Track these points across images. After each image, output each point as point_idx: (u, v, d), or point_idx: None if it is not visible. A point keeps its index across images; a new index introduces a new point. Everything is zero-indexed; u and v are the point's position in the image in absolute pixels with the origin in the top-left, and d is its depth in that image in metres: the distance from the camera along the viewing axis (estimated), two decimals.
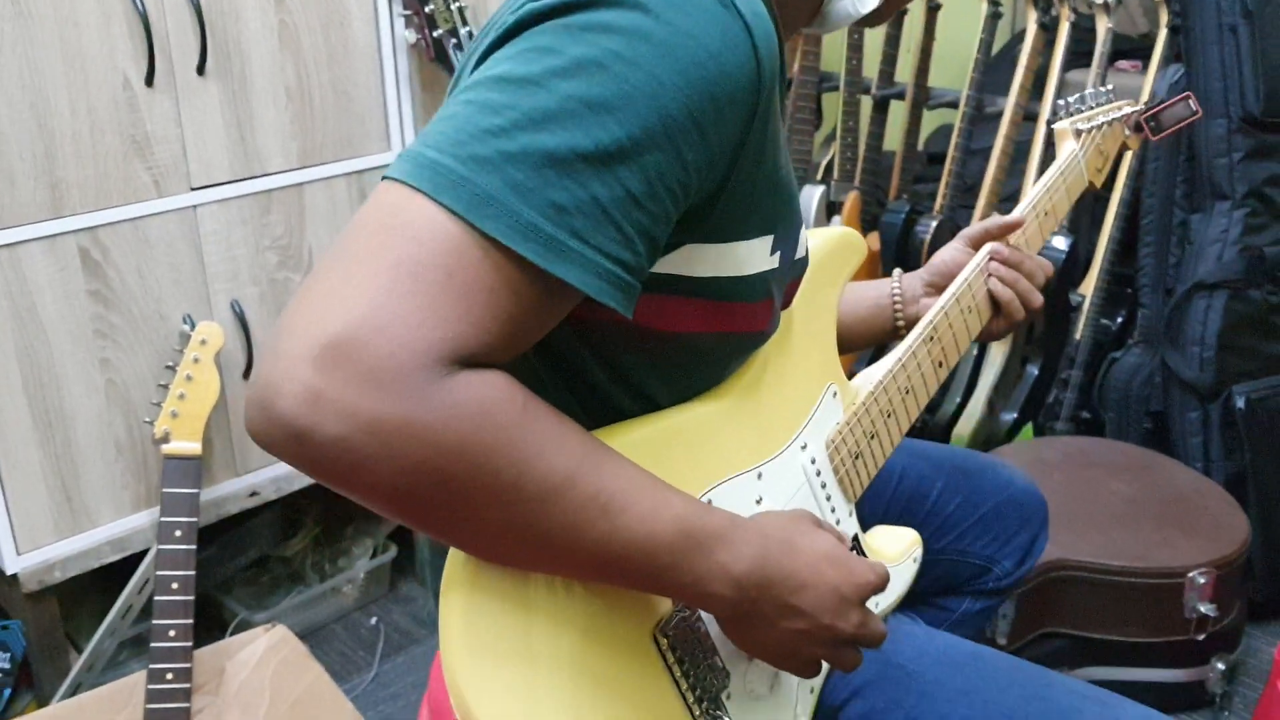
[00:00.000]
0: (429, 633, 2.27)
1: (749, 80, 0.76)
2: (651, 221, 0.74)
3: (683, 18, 0.73)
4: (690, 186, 0.76)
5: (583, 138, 0.71)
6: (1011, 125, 2.56)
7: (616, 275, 0.73)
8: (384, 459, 0.67)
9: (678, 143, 0.73)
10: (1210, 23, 2.27)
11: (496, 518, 0.72)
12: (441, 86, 2.09)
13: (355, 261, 0.69)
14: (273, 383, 0.66)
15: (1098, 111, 1.41)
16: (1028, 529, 1.39)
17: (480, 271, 0.69)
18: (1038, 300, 1.26)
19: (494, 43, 0.77)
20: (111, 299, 1.79)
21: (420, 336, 0.67)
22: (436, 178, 0.70)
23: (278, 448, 0.68)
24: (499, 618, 0.79)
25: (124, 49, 1.72)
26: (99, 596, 2.04)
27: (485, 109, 0.71)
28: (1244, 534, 1.97)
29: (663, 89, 0.72)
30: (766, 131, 0.81)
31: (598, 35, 0.72)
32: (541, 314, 0.73)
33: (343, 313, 0.67)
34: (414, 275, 0.68)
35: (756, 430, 0.98)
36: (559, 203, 0.70)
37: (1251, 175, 2.26)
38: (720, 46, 0.74)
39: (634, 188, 0.72)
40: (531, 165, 0.70)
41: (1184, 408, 2.28)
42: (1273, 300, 2.26)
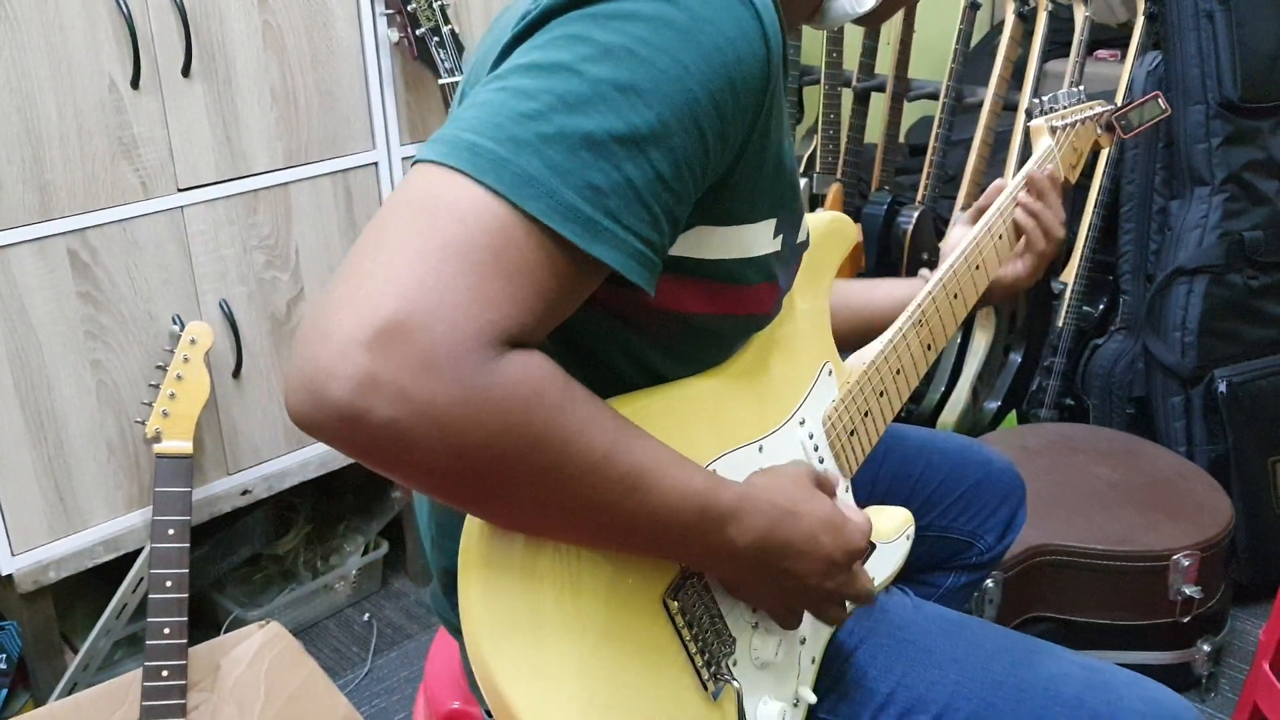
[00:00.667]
0: (421, 628, 2.28)
1: (761, 66, 0.79)
2: (676, 202, 0.77)
3: (702, 5, 0.76)
4: (709, 168, 0.79)
5: (616, 120, 0.72)
6: (991, 115, 2.58)
7: (645, 255, 0.75)
8: (436, 441, 0.68)
9: (701, 124, 0.76)
10: (1187, 9, 2.29)
11: (537, 494, 0.74)
12: (425, 85, 2.10)
13: (401, 242, 0.69)
14: (325, 366, 0.66)
15: (1071, 110, 1.44)
16: (1007, 504, 1.42)
17: (525, 251, 0.70)
18: (1059, 232, 1.33)
19: (518, 35, 0.79)
20: (101, 300, 1.80)
21: (472, 318, 0.68)
22: (477, 159, 0.71)
23: (326, 431, 0.68)
24: (516, 593, 0.81)
25: (109, 52, 1.73)
26: (93, 596, 2.05)
27: (519, 94, 0.73)
28: (1227, 517, 2.00)
29: (687, 73, 0.75)
30: (772, 117, 0.84)
31: (623, 23, 0.74)
32: (575, 292, 0.75)
33: (395, 294, 0.67)
34: (462, 255, 0.69)
35: (757, 405, 1.01)
36: (595, 183, 0.72)
37: (1230, 161, 2.28)
38: (736, 33, 0.77)
39: (663, 169, 0.74)
40: (568, 147, 0.71)
41: (1166, 393, 2.31)
42: (1253, 285, 2.29)
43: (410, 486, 0.73)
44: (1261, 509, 2.23)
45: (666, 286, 0.86)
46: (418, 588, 2.40)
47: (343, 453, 0.70)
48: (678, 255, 0.86)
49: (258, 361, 2.01)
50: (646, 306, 0.86)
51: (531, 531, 0.81)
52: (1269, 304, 2.30)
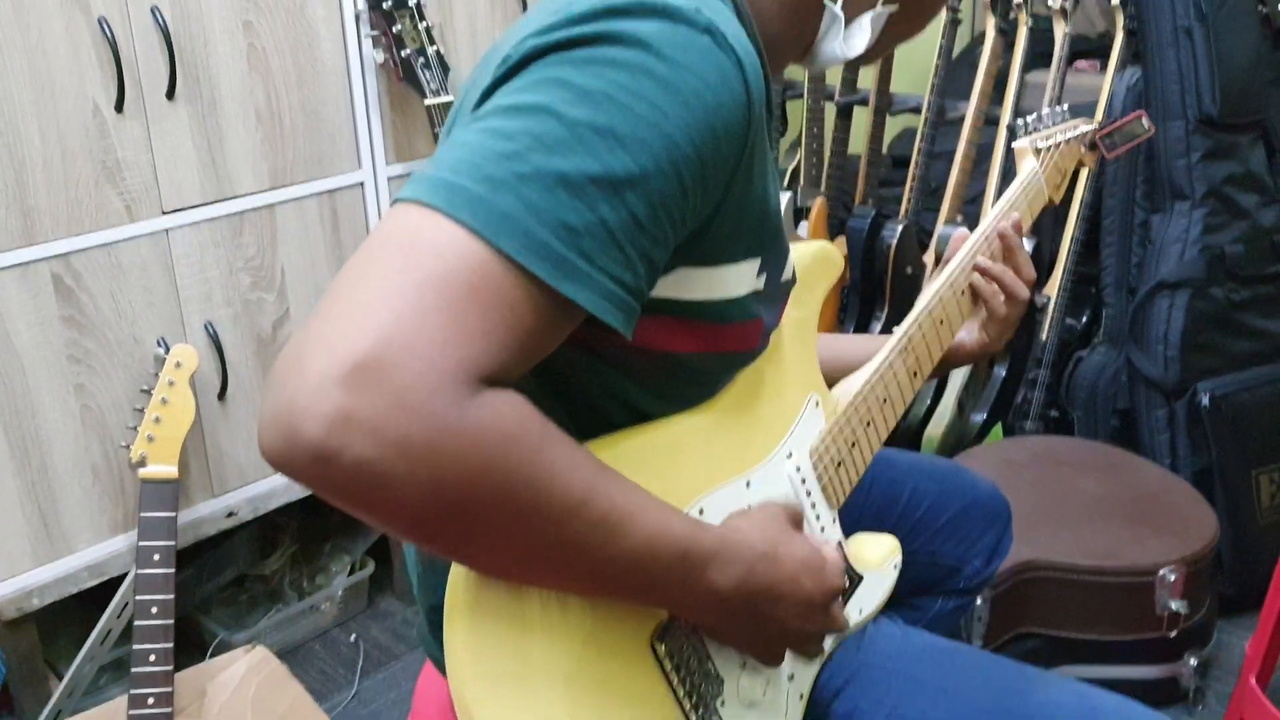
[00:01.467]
0: (408, 648, 2.28)
1: (742, 112, 0.79)
2: (653, 245, 0.77)
3: (681, 54, 0.76)
4: (689, 212, 0.79)
5: (593, 163, 0.73)
6: (973, 130, 2.59)
7: (619, 297, 0.75)
8: (410, 480, 0.67)
9: (680, 170, 0.76)
10: (1166, 26, 2.31)
11: (512, 537, 0.74)
12: (410, 106, 2.10)
13: (378, 279, 0.69)
14: (299, 405, 0.66)
15: (1055, 130, 1.45)
16: (993, 529, 1.43)
17: (500, 289, 0.70)
18: (1022, 294, 1.28)
19: (499, 77, 0.79)
20: (85, 324, 1.79)
21: (448, 355, 0.68)
22: (454, 197, 0.71)
23: (299, 470, 0.67)
24: (503, 639, 0.81)
25: (93, 76, 1.72)
26: (78, 621, 2.03)
27: (498, 135, 0.73)
28: (1212, 530, 2.01)
29: (666, 119, 0.75)
30: (754, 162, 0.84)
31: (604, 68, 0.75)
32: (551, 332, 0.75)
33: (370, 331, 0.67)
34: (439, 292, 0.68)
35: (744, 440, 1.01)
36: (569, 223, 0.72)
37: (1210, 175, 2.30)
38: (716, 80, 0.77)
39: (639, 212, 0.74)
40: (544, 187, 0.72)
41: (1150, 405, 2.32)
42: (1234, 298, 2.30)
43: (385, 529, 0.72)
44: (1245, 521, 2.24)
45: (649, 326, 0.86)
46: (405, 607, 2.40)
47: (316, 493, 0.69)
48: (660, 296, 0.86)
49: (243, 383, 2.00)
50: (629, 346, 0.86)
51: (509, 577, 0.81)
52: (1250, 317, 2.32)
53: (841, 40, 0.97)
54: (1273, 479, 2.28)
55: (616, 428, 0.91)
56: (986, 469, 2.18)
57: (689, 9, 0.78)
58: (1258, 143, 2.36)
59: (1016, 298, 1.28)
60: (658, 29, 0.76)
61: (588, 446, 0.87)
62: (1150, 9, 2.33)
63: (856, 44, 0.97)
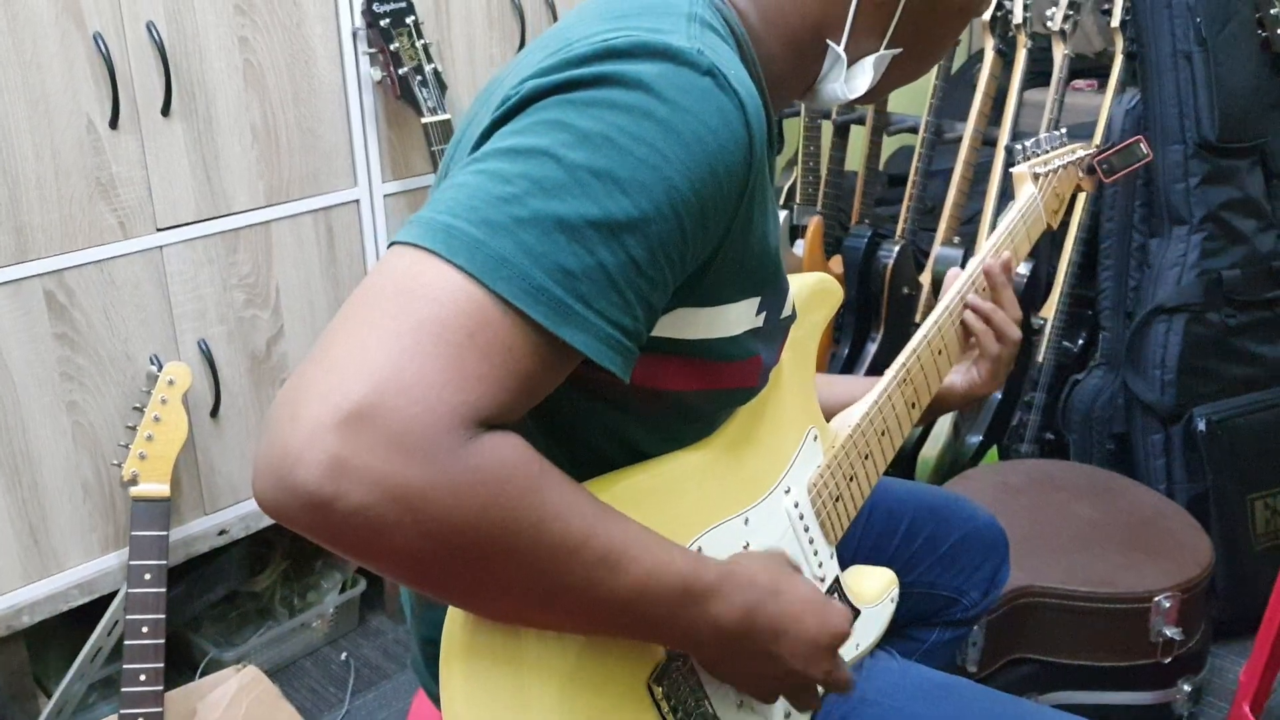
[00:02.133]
0: (399, 667, 2.27)
1: (743, 155, 0.79)
2: (651, 288, 0.76)
3: (682, 95, 0.76)
4: (688, 255, 0.79)
5: (592, 206, 0.72)
6: (971, 149, 2.59)
7: (617, 340, 0.75)
8: (407, 526, 0.67)
9: (680, 214, 0.75)
10: (1165, 50, 2.31)
11: (512, 579, 0.73)
12: (407, 123, 2.09)
13: (374, 323, 0.69)
14: (293, 451, 0.65)
15: (1053, 155, 1.45)
16: (991, 561, 1.43)
17: (498, 333, 0.70)
18: (1013, 335, 1.27)
19: (499, 118, 0.78)
20: (78, 341, 1.78)
21: (445, 399, 0.67)
22: (452, 241, 0.71)
23: (295, 518, 0.67)
24: (500, 683, 0.80)
25: (88, 91, 1.71)
26: (68, 639, 2.02)
27: (496, 178, 0.73)
28: (1208, 557, 2.00)
29: (667, 163, 0.74)
30: (755, 202, 0.83)
31: (603, 111, 0.74)
32: (549, 375, 0.75)
33: (366, 376, 0.66)
34: (436, 337, 0.68)
35: (742, 476, 1.00)
36: (567, 267, 0.71)
37: (1208, 200, 2.29)
38: (718, 123, 0.77)
39: (638, 256, 0.74)
40: (542, 230, 0.71)
41: (1146, 430, 2.31)
42: (1231, 323, 2.30)
43: (383, 574, 0.72)
44: (1240, 547, 2.24)
45: (648, 364, 0.85)
46: (396, 626, 2.38)
47: (314, 540, 0.69)
48: (659, 335, 0.85)
49: (236, 400, 1.99)
50: (627, 385, 0.85)
51: (511, 620, 0.80)
52: (1247, 342, 2.32)
53: (843, 81, 0.96)
54: (1268, 504, 2.27)
55: (615, 466, 0.91)
56: (982, 492, 2.17)
57: (691, 51, 0.77)
58: (1256, 168, 2.36)
59: (1006, 337, 1.27)
60: (659, 71, 0.76)
61: (587, 485, 0.86)
62: (1150, 32, 2.33)
63: (858, 85, 0.97)
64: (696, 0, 0.86)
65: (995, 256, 1.29)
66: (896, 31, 0.95)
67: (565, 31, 0.83)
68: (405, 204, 2.14)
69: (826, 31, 0.94)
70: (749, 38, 0.92)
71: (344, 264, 2.08)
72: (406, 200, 2.14)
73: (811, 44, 0.95)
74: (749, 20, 0.92)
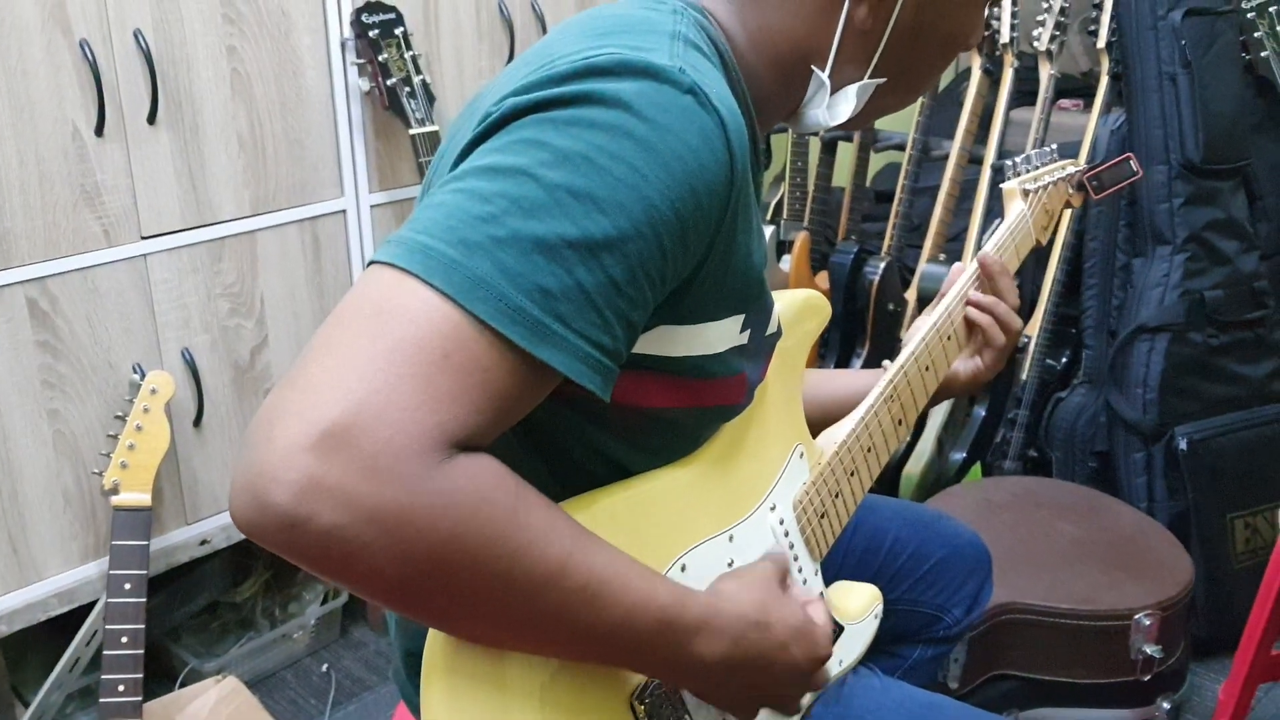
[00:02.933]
0: (381, 679, 2.26)
1: (724, 173, 0.79)
2: (631, 307, 0.76)
3: (663, 114, 0.75)
4: (668, 274, 0.78)
5: (570, 226, 0.72)
6: (957, 167, 2.60)
7: (596, 359, 0.74)
8: (381, 547, 0.67)
9: (659, 233, 0.75)
10: (1150, 71, 2.33)
11: (487, 604, 0.73)
12: (395, 134, 2.09)
13: (350, 345, 0.69)
14: (267, 471, 0.65)
15: (1043, 171, 1.45)
16: (974, 579, 1.43)
17: (475, 354, 0.70)
18: (1015, 324, 1.29)
19: (477, 137, 0.78)
20: (60, 349, 1.77)
21: (419, 420, 0.67)
22: (429, 261, 0.70)
23: (269, 537, 0.67)
24: (482, 698, 0.80)
25: (73, 99, 1.71)
26: (46, 648, 2.01)
27: (474, 197, 0.73)
28: (1188, 575, 2.01)
29: (646, 182, 0.74)
30: (738, 220, 0.83)
31: (582, 130, 0.74)
32: (527, 395, 0.74)
33: (341, 397, 0.66)
34: (411, 358, 0.68)
35: (727, 493, 1.00)
36: (546, 287, 0.71)
37: (1192, 221, 2.31)
38: (699, 142, 0.77)
39: (616, 275, 0.74)
40: (520, 250, 0.71)
41: (1128, 448, 2.32)
42: (1213, 343, 2.31)
43: (359, 594, 0.72)
44: (1220, 566, 2.25)
45: (630, 382, 0.85)
46: (377, 638, 2.37)
47: (288, 559, 0.69)
48: (642, 353, 0.85)
49: (219, 410, 1.98)
50: (610, 402, 0.85)
51: (486, 643, 0.80)
52: (1229, 362, 2.33)
53: (826, 108, 0.96)
54: (1247, 524, 2.28)
55: (598, 482, 0.90)
56: (965, 508, 2.18)
57: (673, 69, 0.77)
58: (1239, 189, 2.38)
59: (1010, 325, 1.29)
60: (639, 89, 0.76)
61: (570, 503, 0.86)
62: (1135, 54, 2.34)
63: (840, 112, 0.97)
64: (681, 19, 0.86)
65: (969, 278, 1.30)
66: (881, 61, 0.95)
67: (549, 48, 0.83)
68: (392, 215, 2.14)
69: (812, 57, 0.94)
70: (735, 57, 0.92)
71: (329, 274, 2.08)
72: (393, 211, 2.14)
73: (797, 68, 0.95)
74: (735, 40, 0.93)
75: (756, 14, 0.92)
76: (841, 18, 0.91)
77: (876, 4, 0.91)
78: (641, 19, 0.85)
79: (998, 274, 1.29)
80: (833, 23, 0.92)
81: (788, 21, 0.92)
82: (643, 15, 0.86)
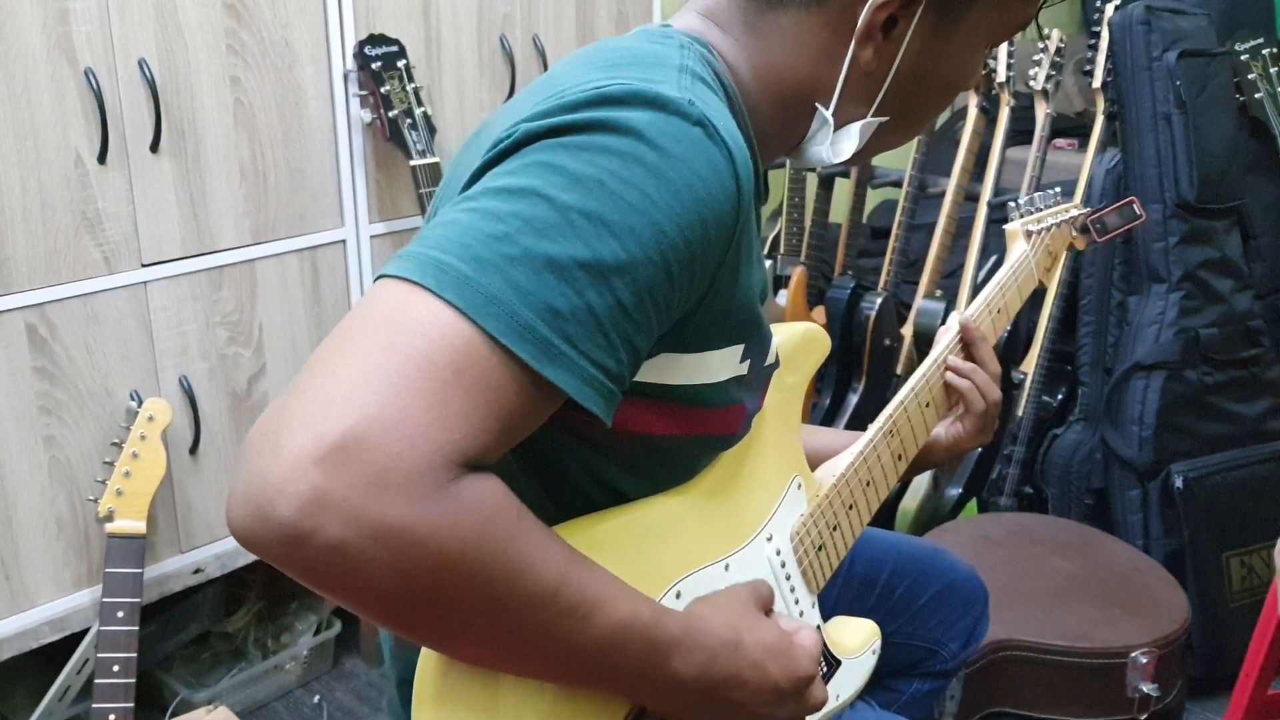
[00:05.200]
0: (372, 710, 2.24)
1: (731, 203, 0.79)
2: (636, 332, 0.76)
3: (673, 144, 0.76)
4: (674, 301, 0.79)
5: (582, 248, 0.73)
6: (954, 204, 2.62)
7: (601, 382, 0.75)
8: (383, 564, 0.66)
9: (668, 259, 0.76)
10: (1145, 111, 2.35)
11: (484, 623, 0.73)
12: (396, 165, 2.10)
13: (361, 355, 0.68)
14: (273, 483, 0.65)
15: (1046, 213, 1.46)
16: (970, 613, 1.42)
17: (485, 370, 0.70)
18: (995, 393, 1.28)
19: (491, 159, 0.79)
20: (58, 375, 1.77)
21: (430, 438, 0.67)
22: (442, 276, 0.71)
23: (270, 550, 0.66)
24: None
25: (77, 126, 1.71)
26: (36, 676, 1.99)
27: (488, 216, 0.73)
28: (1184, 613, 2.01)
29: (656, 208, 0.75)
30: (741, 252, 0.84)
31: (596, 155, 0.75)
32: (532, 415, 0.74)
33: (351, 410, 0.66)
34: (423, 372, 0.68)
35: (724, 522, 1.00)
36: (556, 307, 0.72)
37: (1187, 259, 2.32)
38: (708, 172, 0.77)
39: (625, 299, 0.74)
40: (532, 270, 0.71)
41: (1124, 486, 2.33)
42: (1208, 381, 2.32)
43: (354, 610, 0.71)
44: (1216, 604, 2.25)
45: (630, 409, 0.85)
46: (370, 669, 2.36)
47: (287, 573, 0.68)
48: (642, 380, 0.85)
49: (216, 438, 1.98)
50: (609, 428, 0.85)
51: (479, 663, 0.80)
52: (1224, 400, 2.34)
53: (829, 145, 0.97)
54: (1243, 561, 2.28)
55: (596, 507, 0.91)
56: (961, 545, 2.18)
57: (682, 101, 0.78)
58: (1234, 228, 2.40)
59: (988, 395, 1.28)
60: (651, 119, 0.77)
61: (566, 526, 0.86)
62: (1130, 94, 2.36)
63: (843, 150, 0.97)
64: (688, 54, 0.87)
65: (974, 317, 1.30)
66: (884, 101, 0.96)
67: (557, 79, 0.84)
68: (392, 245, 2.15)
69: (816, 95, 0.95)
70: (739, 92, 0.93)
71: (328, 304, 2.08)
72: (393, 242, 2.15)
73: (800, 105, 0.96)
74: (740, 75, 0.94)
75: (762, 51, 0.94)
76: (847, 59, 0.93)
77: (881, 47, 0.92)
78: (650, 52, 0.86)
79: (976, 341, 1.29)
80: (837, 63, 0.93)
81: (793, 60, 0.93)
82: (650, 49, 0.87)
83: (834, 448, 1.19)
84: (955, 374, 1.27)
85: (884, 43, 0.92)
